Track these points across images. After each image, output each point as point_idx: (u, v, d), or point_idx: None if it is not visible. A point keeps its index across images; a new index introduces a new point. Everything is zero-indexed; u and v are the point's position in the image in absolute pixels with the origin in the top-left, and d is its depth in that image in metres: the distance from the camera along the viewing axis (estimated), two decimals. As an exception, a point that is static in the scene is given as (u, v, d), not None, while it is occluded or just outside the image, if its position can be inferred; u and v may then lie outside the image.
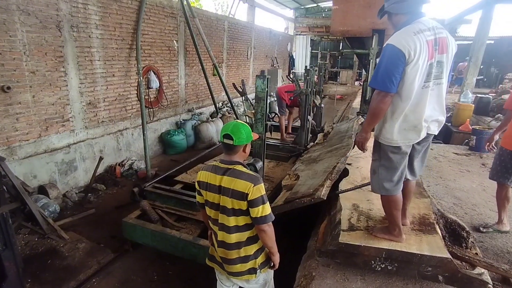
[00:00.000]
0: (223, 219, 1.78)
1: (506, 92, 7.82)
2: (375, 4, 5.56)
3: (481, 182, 3.84)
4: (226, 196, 1.73)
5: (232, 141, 1.76)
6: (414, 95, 1.79)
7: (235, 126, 1.79)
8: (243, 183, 1.69)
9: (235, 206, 1.72)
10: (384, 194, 2.00)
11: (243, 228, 1.78)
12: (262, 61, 12.88)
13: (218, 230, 1.83)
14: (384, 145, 1.93)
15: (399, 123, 1.86)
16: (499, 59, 15.55)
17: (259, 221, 1.70)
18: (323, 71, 6.87)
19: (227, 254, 1.82)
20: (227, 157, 1.85)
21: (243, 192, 1.68)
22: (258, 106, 2.85)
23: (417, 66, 1.73)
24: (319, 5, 17.66)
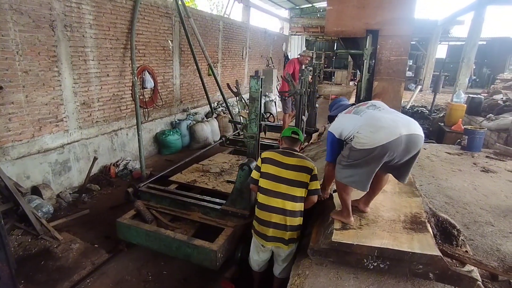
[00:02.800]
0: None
1: (498, 93, 7.92)
2: (369, 5, 5.58)
3: (473, 181, 3.89)
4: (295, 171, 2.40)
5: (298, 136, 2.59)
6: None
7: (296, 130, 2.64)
8: (308, 162, 2.43)
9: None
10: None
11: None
12: (257, 61, 12.90)
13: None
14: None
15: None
16: (491, 59, 15.75)
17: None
18: (317, 71, 6.89)
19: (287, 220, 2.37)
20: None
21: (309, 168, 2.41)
22: (252, 106, 2.86)
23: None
24: (314, 5, 17.72)
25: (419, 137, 2.08)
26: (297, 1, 16.67)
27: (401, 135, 1.99)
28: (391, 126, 2.03)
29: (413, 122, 2.14)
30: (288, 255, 2.51)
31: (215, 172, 4.34)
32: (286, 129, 2.64)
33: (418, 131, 2.09)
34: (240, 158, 4.90)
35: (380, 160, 2.06)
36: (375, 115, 2.17)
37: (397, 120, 2.10)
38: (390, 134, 1.99)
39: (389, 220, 2.32)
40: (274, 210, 2.38)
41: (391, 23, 5.39)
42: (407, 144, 2.03)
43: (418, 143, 2.08)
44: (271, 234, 2.41)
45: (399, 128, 2.01)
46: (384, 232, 2.17)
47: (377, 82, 5.67)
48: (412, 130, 2.06)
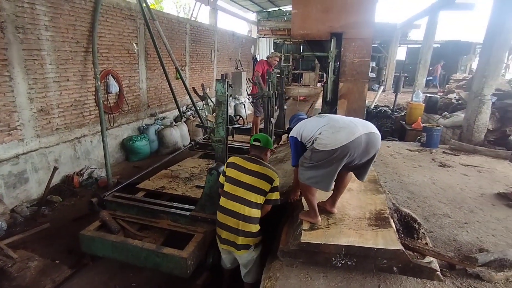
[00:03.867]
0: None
1: (452, 92, 8.50)
2: (332, 9, 5.77)
3: (432, 176, 4.13)
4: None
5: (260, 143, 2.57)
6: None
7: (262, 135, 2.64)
8: (272, 173, 2.45)
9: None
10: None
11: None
12: (226, 64, 12.87)
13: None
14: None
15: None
16: (445, 61, 16.87)
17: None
18: (285, 73, 7.00)
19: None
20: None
21: (271, 177, 2.42)
22: (219, 110, 2.84)
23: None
24: (281, 8, 18.00)
25: (377, 135, 2.21)
26: (264, 4, 16.85)
27: (361, 134, 2.10)
28: (350, 126, 2.14)
29: (369, 123, 2.28)
30: (249, 261, 2.52)
31: (185, 178, 4.26)
32: (252, 136, 2.65)
33: (376, 130, 2.22)
34: (210, 162, 4.84)
35: (342, 161, 2.13)
36: (334, 117, 2.33)
37: (355, 121, 2.23)
38: (351, 134, 2.09)
39: (355, 218, 2.40)
40: (230, 213, 2.41)
41: (353, 26, 5.62)
42: (367, 143, 2.13)
43: (376, 143, 2.19)
44: (224, 237, 2.47)
45: (358, 128, 2.13)
46: (350, 230, 2.24)
47: (343, 83, 5.88)
48: (370, 129, 2.18)
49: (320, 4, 5.79)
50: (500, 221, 3.06)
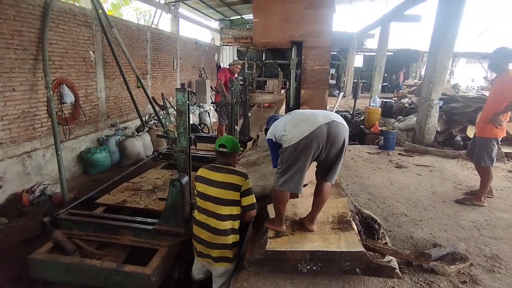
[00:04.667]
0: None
1: (405, 97, 9.09)
2: (292, 18, 5.91)
3: (389, 177, 4.36)
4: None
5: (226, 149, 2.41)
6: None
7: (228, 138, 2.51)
8: (237, 178, 2.31)
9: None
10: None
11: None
12: (189, 72, 12.72)
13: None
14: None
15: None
16: (398, 68, 18.07)
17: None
18: (249, 80, 7.06)
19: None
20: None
21: (237, 184, 2.29)
22: (180, 119, 2.79)
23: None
24: (243, 17, 18.22)
25: (340, 124, 2.17)
26: (227, 12, 16.95)
27: (322, 124, 2.08)
28: (310, 118, 2.15)
29: (332, 113, 2.27)
30: (223, 273, 2.44)
31: (148, 190, 4.10)
32: (217, 141, 2.51)
33: (337, 119, 2.18)
34: (174, 173, 4.71)
35: (308, 153, 2.10)
36: (298, 112, 2.34)
37: (317, 113, 2.22)
38: (311, 125, 2.08)
39: (319, 222, 2.45)
40: (202, 226, 2.35)
41: (312, 35, 5.82)
42: (329, 132, 2.10)
43: (339, 131, 2.14)
44: (199, 250, 2.41)
45: (318, 118, 2.12)
46: (315, 235, 2.27)
47: (304, 90, 6.04)
48: (332, 118, 2.16)
49: (280, 14, 5.93)
50: (451, 216, 3.29)
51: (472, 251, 2.69)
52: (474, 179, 4.35)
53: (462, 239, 2.87)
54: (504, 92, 3.30)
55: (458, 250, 2.59)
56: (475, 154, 3.57)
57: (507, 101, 3.28)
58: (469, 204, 3.56)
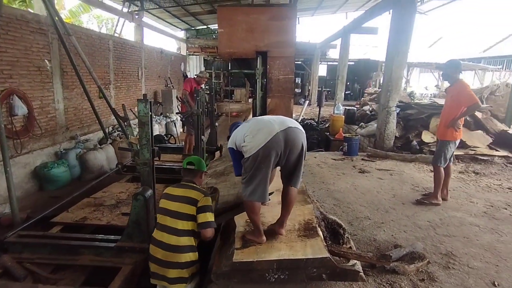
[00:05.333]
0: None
1: (366, 104, 9.55)
2: (256, 29, 6.07)
3: (353, 182, 4.52)
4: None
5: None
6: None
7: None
8: (196, 193, 2.30)
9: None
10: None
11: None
12: (155, 81, 12.47)
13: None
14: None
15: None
16: (359, 77, 19.00)
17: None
18: (215, 90, 7.06)
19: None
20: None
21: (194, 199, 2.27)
22: (142, 131, 2.71)
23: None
24: (209, 27, 18.26)
25: (296, 130, 2.26)
26: (192, 22, 16.91)
27: (278, 132, 2.16)
28: (267, 127, 2.20)
29: (289, 120, 2.35)
30: None
31: (111, 205, 3.92)
32: (184, 160, 2.53)
33: (293, 125, 2.27)
34: (138, 186, 4.53)
35: (268, 162, 2.16)
36: (256, 120, 2.37)
37: (273, 120, 2.27)
38: (267, 134, 2.15)
39: (286, 230, 2.47)
40: (158, 244, 2.26)
41: (277, 45, 5.97)
42: (286, 139, 2.17)
43: (296, 137, 2.22)
44: (153, 270, 2.30)
45: (274, 126, 2.19)
46: (281, 244, 2.29)
47: (270, 99, 6.15)
48: (287, 124, 2.23)
49: (245, 24, 6.05)
50: (409, 217, 3.47)
51: (429, 249, 2.85)
52: (429, 181, 4.63)
53: (420, 239, 3.03)
54: (460, 99, 3.63)
55: (417, 249, 2.73)
56: (434, 155, 3.88)
57: (463, 107, 3.61)
58: (428, 203, 3.80)
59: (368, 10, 9.17)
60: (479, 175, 4.91)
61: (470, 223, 3.36)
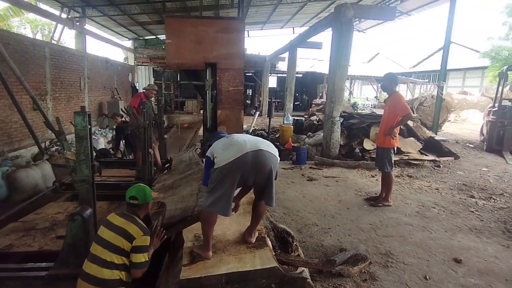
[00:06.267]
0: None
1: (313, 115, 10.01)
2: (205, 41, 6.09)
3: (302, 190, 4.68)
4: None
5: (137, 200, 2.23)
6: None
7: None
8: (135, 229, 2.10)
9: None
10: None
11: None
12: (99, 92, 11.78)
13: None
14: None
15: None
16: (307, 88, 19.95)
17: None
18: (164, 101, 6.88)
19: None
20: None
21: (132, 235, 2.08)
22: (81, 145, 2.53)
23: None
24: (158, 37, 17.87)
25: (266, 152, 2.28)
26: (140, 32, 16.41)
27: (247, 152, 2.18)
28: (239, 144, 2.24)
29: (262, 141, 2.38)
30: None
31: (44, 228, 3.54)
32: (127, 192, 2.29)
33: (265, 148, 2.29)
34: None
35: (232, 178, 2.18)
36: (233, 136, 2.40)
37: (248, 140, 2.32)
38: (237, 152, 2.18)
39: (235, 243, 2.46)
40: (84, 277, 2.05)
41: (226, 57, 6.04)
42: (254, 161, 2.20)
43: (265, 160, 2.25)
44: None
45: (246, 146, 2.22)
46: (230, 257, 2.27)
47: (221, 111, 6.17)
48: (259, 147, 2.26)
49: (193, 36, 6.03)
50: (353, 221, 3.68)
51: (371, 250, 3.04)
52: (371, 186, 4.99)
53: (362, 241, 3.22)
54: (396, 109, 4.02)
55: (360, 251, 2.90)
56: (379, 163, 4.24)
57: (399, 116, 3.98)
58: (381, 206, 4.12)
59: (312, 26, 9.74)
60: (412, 178, 5.41)
61: (405, 222, 3.66)
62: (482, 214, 3.96)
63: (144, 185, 2.45)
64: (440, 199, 4.45)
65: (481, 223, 3.69)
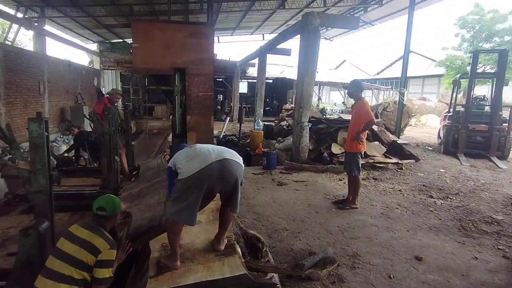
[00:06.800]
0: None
1: (283, 120, 10.17)
2: (173, 46, 6.00)
3: (272, 195, 4.70)
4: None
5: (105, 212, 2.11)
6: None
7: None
8: (101, 242, 1.97)
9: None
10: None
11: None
12: (61, 97, 11.21)
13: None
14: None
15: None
16: (277, 94, 20.27)
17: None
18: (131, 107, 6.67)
19: None
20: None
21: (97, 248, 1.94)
22: (36, 154, 2.37)
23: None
24: (126, 41, 17.36)
25: (232, 161, 2.28)
26: (106, 35, 15.86)
27: (213, 162, 2.18)
28: (204, 154, 2.23)
29: (226, 150, 2.38)
30: None
31: (-6, 245, 3.27)
32: (94, 203, 2.17)
33: (230, 157, 2.29)
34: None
35: (199, 189, 2.17)
36: (197, 146, 2.38)
37: (212, 150, 2.30)
38: (202, 162, 2.17)
39: (204, 251, 2.42)
40: None
41: (195, 63, 5.98)
42: (220, 170, 2.20)
43: (231, 169, 2.26)
44: None
45: (211, 156, 2.21)
46: (199, 266, 2.22)
47: (190, 117, 6.08)
48: (224, 156, 2.26)
49: (162, 40, 5.93)
50: (322, 224, 3.76)
51: (339, 252, 3.12)
52: (339, 189, 5.13)
53: (331, 244, 3.29)
54: (361, 115, 4.17)
55: (328, 254, 2.96)
56: (347, 167, 4.38)
57: (364, 122, 4.13)
58: (348, 208, 4.23)
59: (281, 33, 9.94)
60: (377, 181, 5.63)
61: (371, 224, 3.80)
62: (440, 213, 4.20)
63: (113, 195, 2.35)
64: (403, 200, 4.66)
65: (439, 222, 3.91)
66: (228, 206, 2.43)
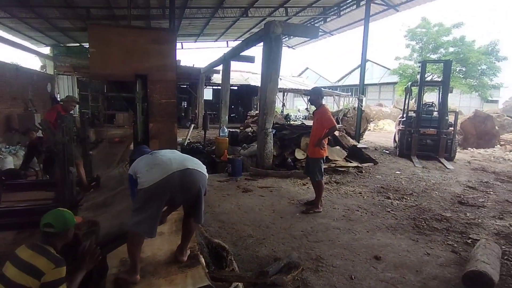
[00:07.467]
0: None
1: (249, 126, 10.24)
2: (135, 51, 5.81)
3: (237, 202, 4.69)
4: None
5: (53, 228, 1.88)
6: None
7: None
8: (44, 262, 1.76)
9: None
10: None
11: None
12: (7, 104, 10.36)
13: None
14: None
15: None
16: (243, 101, 20.39)
17: None
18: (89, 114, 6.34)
19: None
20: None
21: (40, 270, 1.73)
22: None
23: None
24: (83, 45, 16.54)
25: (194, 171, 2.23)
26: (60, 38, 15.01)
27: (174, 171, 2.12)
28: (165, 163, 2.17)
29: (189, 159, 2.33)
30: None
31: None
32: (42, 219, 1.92)
33: (192, 166, 2.24)
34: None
35: (159, 200, 2.12)
36: (157, 154, 2.31)
37: (174, 158, 2.24)
38: (162, 172, 2.11)
39: (166, 263, 2.35)
40: None
41: (157, 69, 5.83)
42: (182, 179, 2.15)
43: (193, 179, 2.21)
44: None
45: (172, 165, 2.16)
46: (160, 280, 2.16)
47: (152, 124, 5.91)
48: (186, 166, 2.20)
49: (122, 45, 5.71)
50: (286, 230, 3.81)
51: (303, 257, 3.17)
52: (303, 193, 5.24)
53: (295, 248, 3.34)
54: (323, 122, 4.33)
55: (292, 259, 3.00)
56: (310, 172, 4.50)
57: (326, 129, 4.29)
58: (312, 212, 4.33)
59: (244, 40, 10.06)
60: (339, 184, 5.85)
61: (333, 227, 3.92)
62: (396, 213, 4.46)
63: (64, 209, 2.11)
64: (363, 202, 4.88)
65: (396, 221, 4.15)
66: (192, 217, 2.38)
